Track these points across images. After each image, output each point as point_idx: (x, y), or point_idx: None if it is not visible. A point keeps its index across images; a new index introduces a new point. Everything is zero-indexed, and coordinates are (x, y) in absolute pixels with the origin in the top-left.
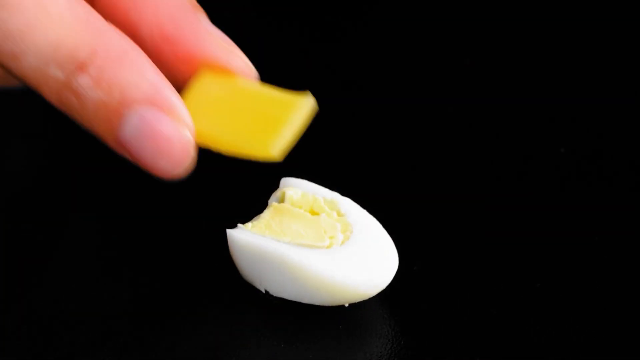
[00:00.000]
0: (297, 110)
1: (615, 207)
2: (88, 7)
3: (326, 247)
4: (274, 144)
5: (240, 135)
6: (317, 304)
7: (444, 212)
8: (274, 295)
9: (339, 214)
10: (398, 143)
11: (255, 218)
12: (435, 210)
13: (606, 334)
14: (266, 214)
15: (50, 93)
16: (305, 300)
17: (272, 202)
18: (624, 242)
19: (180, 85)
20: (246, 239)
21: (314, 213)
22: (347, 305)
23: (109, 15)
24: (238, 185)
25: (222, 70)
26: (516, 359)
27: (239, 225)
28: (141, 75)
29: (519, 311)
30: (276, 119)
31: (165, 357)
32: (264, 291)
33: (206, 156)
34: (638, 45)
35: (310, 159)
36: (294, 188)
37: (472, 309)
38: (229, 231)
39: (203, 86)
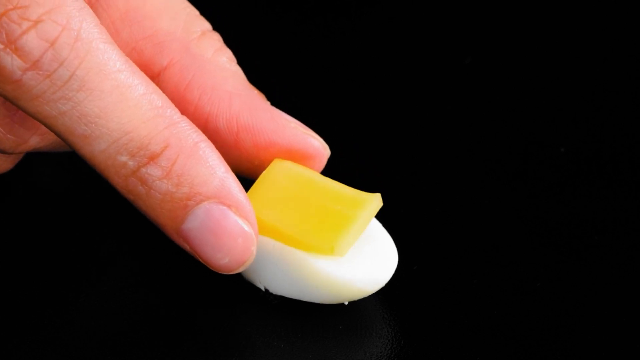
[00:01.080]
0: (366, 210)
1: (615, 207)
2: (164, 97)
3: None
4: (340, 244)
5: (305, 230)
6: (316, 302)
7: (444, 211)
8: (274, 293)
9: None
10: (398, 142)
11: None
12: (435, 209)
13: (606, 334)
14: None
15: (117, 179)
16: (305, 298)
17: None
18: (624, 242)
19: (259, 172)
20: None
21: None
22: (346, 303)
23: (180, 107)
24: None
25: (294, 162)
26: (516, 359)
27: None
28: (211, 171)
29: (519, 311)
30: (344, 218)
31: (165, 356)
32: (263, 289)
33: None
34: (638, 45)
35: None
36: None
37: (472, 308)
38: None
39: (273, 178)
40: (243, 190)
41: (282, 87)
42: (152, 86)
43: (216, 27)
